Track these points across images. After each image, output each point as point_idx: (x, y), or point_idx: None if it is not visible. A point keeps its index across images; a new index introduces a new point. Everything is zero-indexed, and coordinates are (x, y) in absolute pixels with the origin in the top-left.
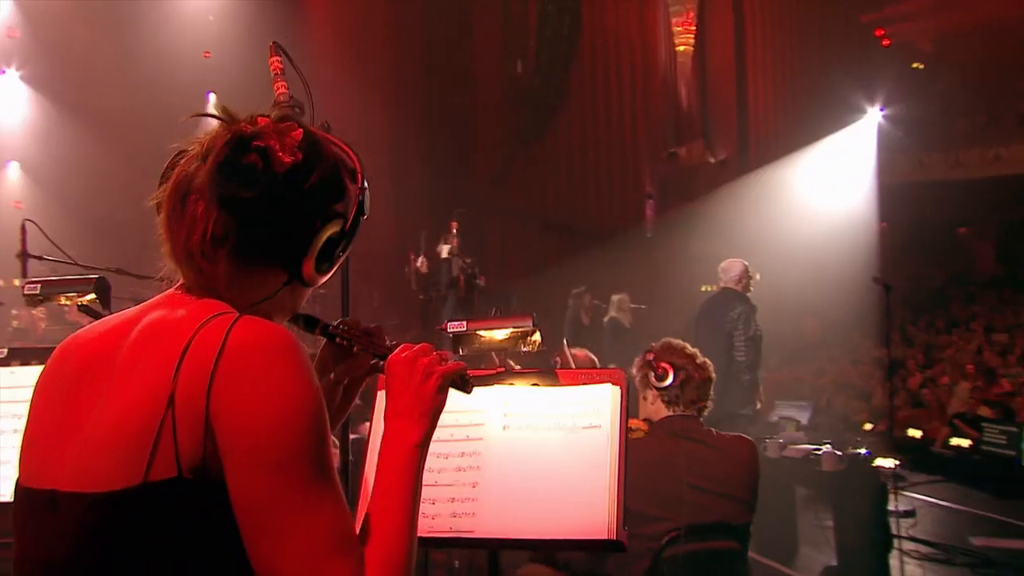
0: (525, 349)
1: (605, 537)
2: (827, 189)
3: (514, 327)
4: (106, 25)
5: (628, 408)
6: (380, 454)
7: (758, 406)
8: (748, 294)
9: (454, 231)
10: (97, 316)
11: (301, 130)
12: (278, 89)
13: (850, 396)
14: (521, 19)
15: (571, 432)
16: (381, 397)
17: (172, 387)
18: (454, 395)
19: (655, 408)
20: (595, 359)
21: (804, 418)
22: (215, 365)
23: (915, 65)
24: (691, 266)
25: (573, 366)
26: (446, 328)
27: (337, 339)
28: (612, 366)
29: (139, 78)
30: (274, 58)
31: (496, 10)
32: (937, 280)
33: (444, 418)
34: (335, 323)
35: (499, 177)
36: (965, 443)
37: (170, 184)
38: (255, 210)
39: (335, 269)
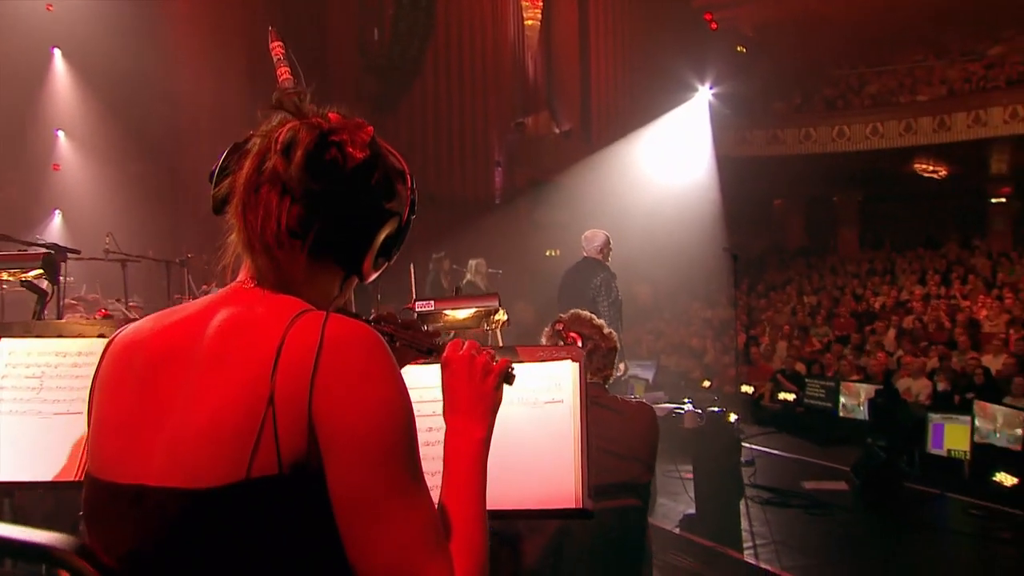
0: (490, 328)
1: (573, 506)
2: (666, 162)
3: (478, 306)
4: None
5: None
6: (445, 450)
7: (621, 368)
8: (607, 263)
9: None
10: (41, 292)
11: (371, 127)
12: (282, 75)
13: (684, 355)
14: None
15: (534, 407)
16: None
17: (271, 386)
18: (419, 370)
19: None
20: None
21: (650, 376)
22: (315, 364)
23: (739, 48)
24: (537, 233)
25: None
26: (414, 307)
27: None
28: None
29: None
30: (275, 43)
31: None
32: (756, 248)
33: (411, 394)
34: (371, 317)
35: None
36: (790, 397)
37: (243, 176)
38: (331, 206)
39: (388, 265)
